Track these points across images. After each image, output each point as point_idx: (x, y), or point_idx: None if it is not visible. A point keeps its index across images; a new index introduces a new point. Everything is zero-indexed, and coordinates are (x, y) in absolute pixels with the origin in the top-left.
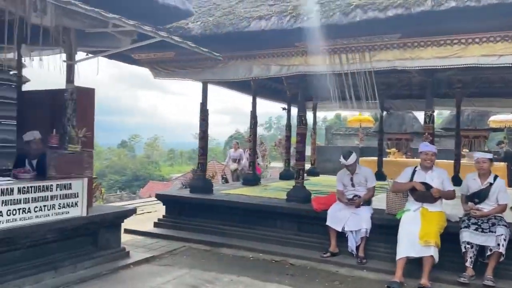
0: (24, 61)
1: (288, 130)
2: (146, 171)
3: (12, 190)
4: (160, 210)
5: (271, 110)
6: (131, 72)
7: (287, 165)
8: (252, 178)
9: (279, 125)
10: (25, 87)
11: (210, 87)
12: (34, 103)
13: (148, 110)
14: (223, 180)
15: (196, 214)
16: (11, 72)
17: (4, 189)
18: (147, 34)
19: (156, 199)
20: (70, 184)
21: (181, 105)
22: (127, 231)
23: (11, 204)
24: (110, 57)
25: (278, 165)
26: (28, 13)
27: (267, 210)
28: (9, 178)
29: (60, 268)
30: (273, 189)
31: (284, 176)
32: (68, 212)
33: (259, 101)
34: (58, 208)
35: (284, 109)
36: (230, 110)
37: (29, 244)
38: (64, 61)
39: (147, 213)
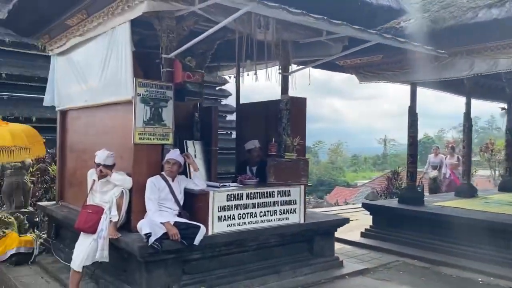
0: (242, 76)
1: (509, 134)
2: (330, 177)
3: (241, 195)
4: (361, 218)
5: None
6: (313, 78)
7: (508, 174)
8: (466, 189)
9: (475, 127)
10: (226, 101)
11: (394, 87)
12: (250, 114)
13: (331, 116)
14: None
15: (407, 227)
16: (217, 88)
17: (236, 194)
18: (360, 38)
19: (353, 206)
20: (289, 191)
21: (364, 110)
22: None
23: (241, 209)
24: (317, 65)
25: (483, 173)
26: (253, 31)
27: (497, 228)
28: (236, 184)
29: (282, 272)
30: (496, 203)
31: (505, 187)
32: (288, 218)
33: (450, 98)
34: (279, 214)
35: (503, 109)
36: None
37: (255, 247)
38: (279, 73)
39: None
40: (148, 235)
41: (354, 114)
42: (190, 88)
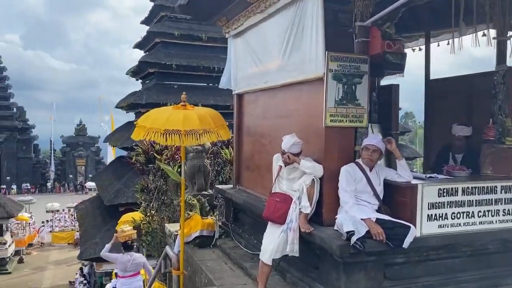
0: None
1: None
2: None
3: (456, 190)
4: None
5: None
6: (471, 55)
7: None
8: None
9: None
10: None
11: None
12: (444, 91)
13: None
14: None
15: None
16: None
17: (449, 188)
18: None
19: None
20: None
21: None
22: None
23: (455, 206)
24: None
25: None
26: None
27: None
28: (444, 176)
29: (502, 287)
30: None
31: None
32: None
33: None
34: (502, 215)
35: None
36: None
37: (469, 253)
38: (494, 38)
39: None
40: (350, 233)
41: None
42: (391, 60)
